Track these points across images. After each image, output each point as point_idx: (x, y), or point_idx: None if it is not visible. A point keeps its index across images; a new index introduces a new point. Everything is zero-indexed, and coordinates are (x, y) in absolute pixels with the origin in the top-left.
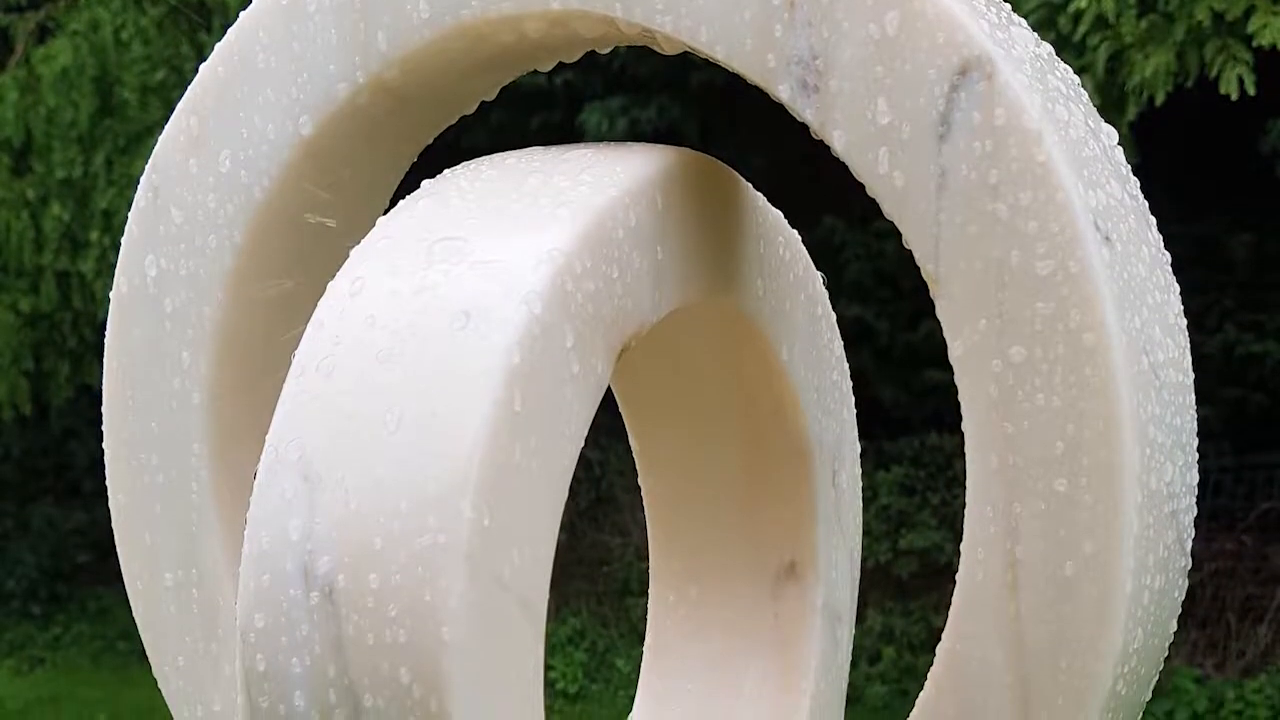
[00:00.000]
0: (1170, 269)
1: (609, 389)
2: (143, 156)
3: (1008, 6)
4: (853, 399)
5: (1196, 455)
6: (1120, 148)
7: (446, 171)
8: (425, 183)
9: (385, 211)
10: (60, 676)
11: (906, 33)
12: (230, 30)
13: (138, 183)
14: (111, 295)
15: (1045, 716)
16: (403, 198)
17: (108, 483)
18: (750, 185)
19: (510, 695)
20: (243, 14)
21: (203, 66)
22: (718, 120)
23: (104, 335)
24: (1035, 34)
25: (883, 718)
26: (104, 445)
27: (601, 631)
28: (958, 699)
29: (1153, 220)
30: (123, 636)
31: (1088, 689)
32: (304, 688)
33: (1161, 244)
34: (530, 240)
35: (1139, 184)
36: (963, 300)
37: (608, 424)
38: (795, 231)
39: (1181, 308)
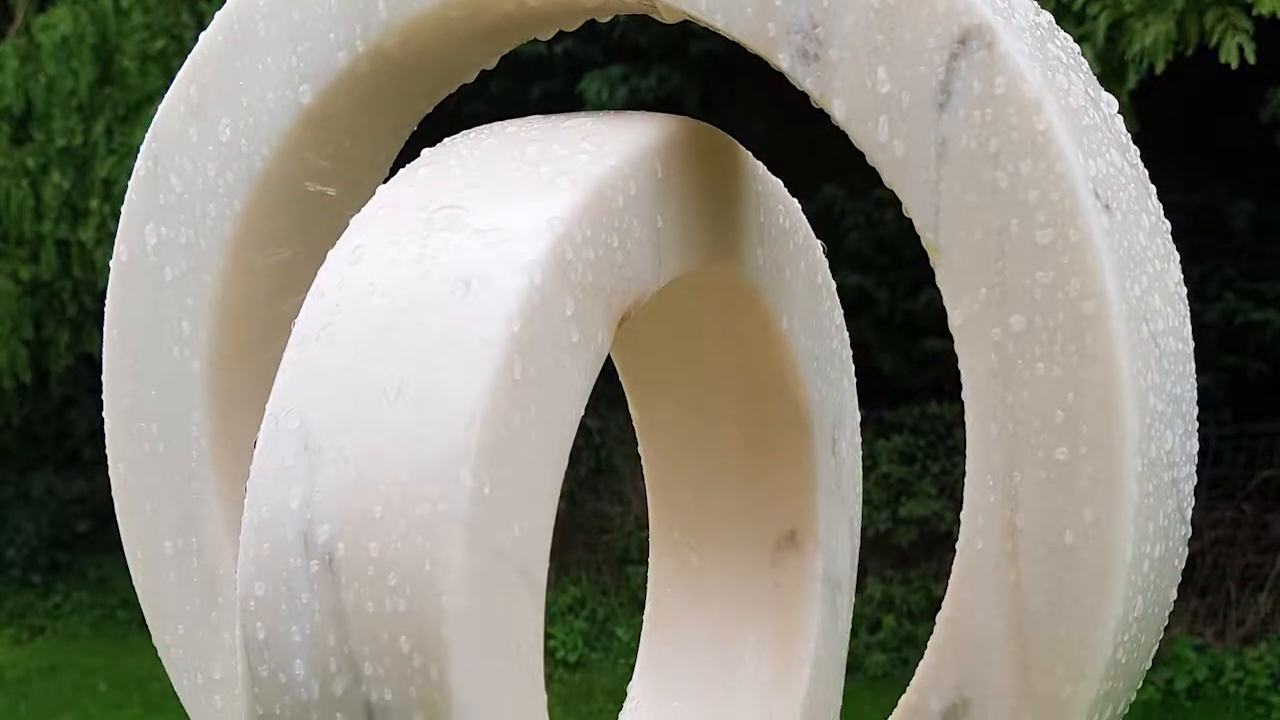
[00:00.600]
0: (1170, 237)
1: (609, 358)
2: (143, 125)
3: None
4: (853, 368)
5: (1196, 423)
6: (1120, 116)
7: (446, 140)
8: (425, 151)
9: (385, 180)
10: (60, 645)
11: (906, 1)
12: None
13: (138, 151)
14: (111, 264)
15: (1045, 685)
16: (403, 166)
17: (107, 451)
18: (750, 154)
19: (510, 664)
20: None
21: (203, 35)
22: (718, 89)
23: (104, 304)
24: (1035, 2)
25: (883, 686)
26: (104, 414)
27: (601, 600)
28: (958, 667)
29: (1152, 189)
30: (123, 605)
31: (1088, 657)
32: (304, 656)
33: (1161, 212)
34: (530, 209)
35: (1139, 152)
36: (963, 269)
37: (608, 392)
38: (795, 200)
39: (1181, 276)
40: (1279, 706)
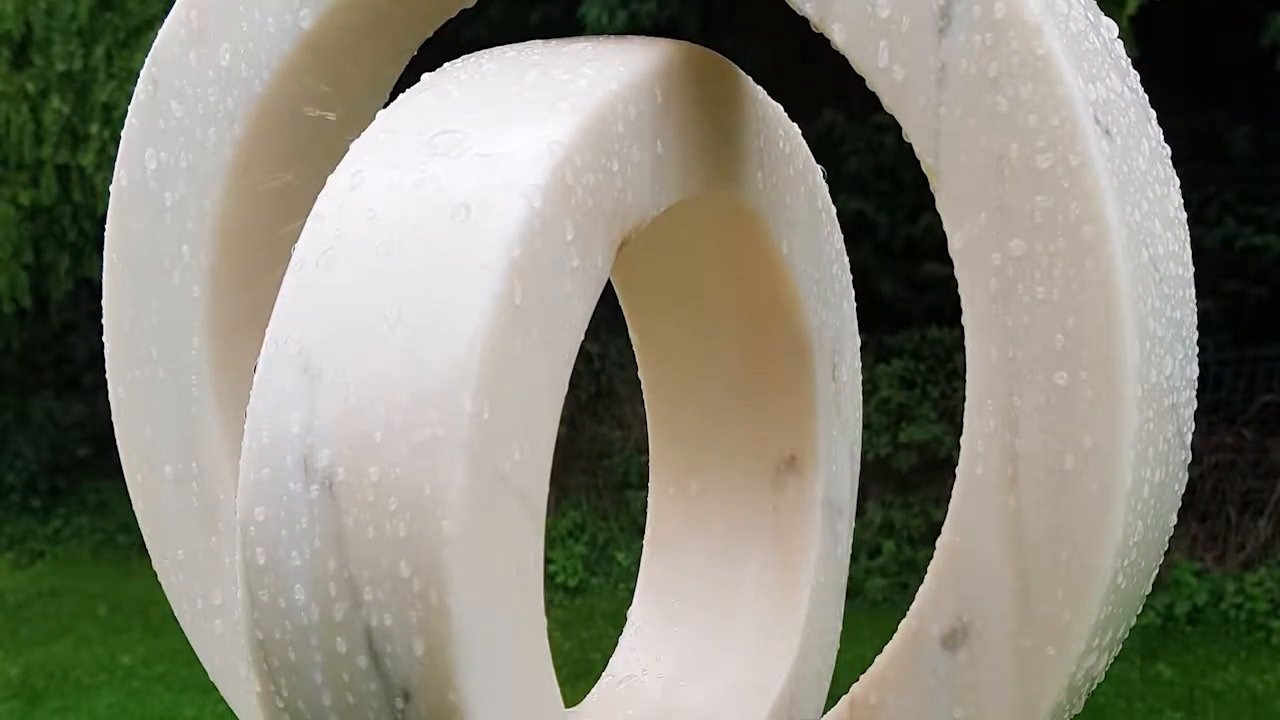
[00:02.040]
0: (1170, 162)
1: (609, 282)
2: (143, 49)
3: None
4: (853, 292)
5: (1196, 348)
6: (1120, 41)
7: (446, 65)
8: (425, 76)
9: (385, 105)
10: (60, 569)
11: None
12: None
13: (138, 76)
14: (111, 189)
15: (1045, 609)
16: (403, 91)
17: (107, 376)
18: (750, 79)
19: (510, 588)
20: None
21: None
22: (718, 13)
23: (104, 229)
24: None
25: (883, 611)
26: (104, 339)
27: (601, 525)
28: (958, 593)
29: (1153, 114)
30: (122, 529)
31: (1087, 582)
32: (304, 581)
33: (1161, 137)
34: (530, 133)
35: (1139, 77)
36: (963, 194)
37: (608, 317)
38: (795, 125)
39: (1181, 201)
40: (1278, 631)
